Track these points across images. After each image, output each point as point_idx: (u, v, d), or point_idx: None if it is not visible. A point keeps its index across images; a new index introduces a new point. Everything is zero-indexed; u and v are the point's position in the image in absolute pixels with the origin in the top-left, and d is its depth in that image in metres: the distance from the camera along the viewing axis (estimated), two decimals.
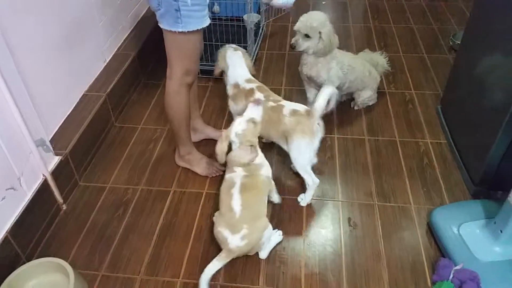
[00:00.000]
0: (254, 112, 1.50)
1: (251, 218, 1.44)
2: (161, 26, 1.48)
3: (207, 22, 1.48)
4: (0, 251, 1.38)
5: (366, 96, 2.16)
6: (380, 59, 2.23)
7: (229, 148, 1.50)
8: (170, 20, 1.43)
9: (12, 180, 1.45)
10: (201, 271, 1.48)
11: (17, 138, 1.47)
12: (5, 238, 1.41)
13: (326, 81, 2.00)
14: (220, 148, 1.48)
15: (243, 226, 1.40)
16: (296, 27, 1.91)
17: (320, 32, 1.87)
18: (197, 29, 1.46)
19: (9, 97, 1.39)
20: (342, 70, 2.00)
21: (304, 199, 1.74)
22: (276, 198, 1.72)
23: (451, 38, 2.65)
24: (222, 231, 1.42)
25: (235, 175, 1.49)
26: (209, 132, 2.03)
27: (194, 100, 1.93)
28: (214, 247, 1.56)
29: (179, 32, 1.44)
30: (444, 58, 2.58)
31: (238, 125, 1.47)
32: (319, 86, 2.07)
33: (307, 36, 1.88)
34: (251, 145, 1.47)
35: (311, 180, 1.69)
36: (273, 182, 1.64)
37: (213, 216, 1.52)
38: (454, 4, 3.18)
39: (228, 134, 1.47)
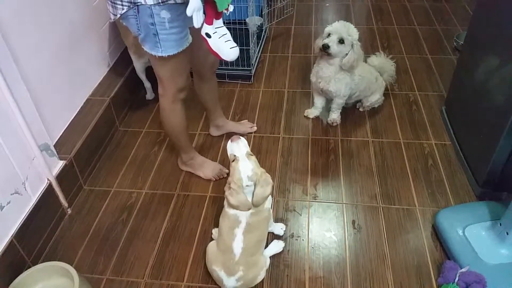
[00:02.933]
0: (241, 146, 1.38)
1: (249, 259, 1.36)
2: (145, 49, 1.42)
3: (187, 42, 1.40)
4: (5, 255, 1.39)
5: (373, 100, 2.16)
6: (389, 67, 2.22)
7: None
8: (150, 44, 1.37)
9: (16, 184, 1.46)
10: (205, 275, 1.49)
11: (21, 142, 1.47)
12: (11, 242, 1.41)
13: (336, 95, 2.00)
14: (239, 199, 1.30)
15: (240, 268, 1.34)
16: (331, 30, 1.85)
17: (353, 44, 1.84)
18: (180, 51, 1.39)
19: (12, 102, 1.40)
20: (353, 81, 2.00)
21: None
22: (277, 230, 1.61)
23: (454, 38, 2.64)
24: (218, 270, 1.36)
25: (241, 214, 1.34)
26: (231, 127, 2.08)
27: (215, 98, 1.94)
28: None
29: (160, 56, 1.39)
30: (448, 59, 2.57)
31: (245, 167, 1.31)
32: (327, 95, 2.07)
33: (341, 41, 1.84)
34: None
35: None
36: (271, 211, 1.50)
37: (212, 231, 1.48)
38: (457, 4, 3.16)
39: (239, 183, 1.30)
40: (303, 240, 1.61)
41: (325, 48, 1.83)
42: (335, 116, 2.11)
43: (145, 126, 2.17)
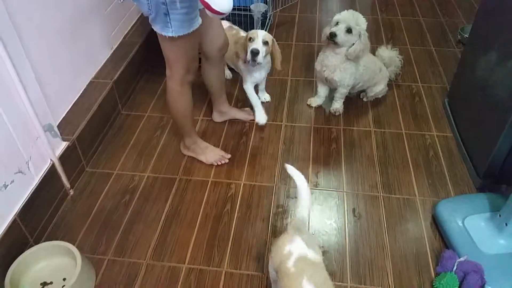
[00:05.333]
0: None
1: None
2: (154, 29, 1.42)
3: (197, 23, 1.40)
4: (9, 234, 1.39)
5: (377, 90, 2.16)
6: (396, 61, 2.22)
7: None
8: (161, 25, 1.37)
9: (20, 164, 1.46)
10: (206, 258, 1.50)
11: (25, 122, 1.47)
12: (14, 221, 1.42)
13: (340, 84, 2.00)
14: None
15: None
16: (339, 18, 1.84)
17: (360, 34, 1.84)
18: (194, 30, 1.40)
19: (18, 82, 1.40)
20: (358, 71, 1.99)
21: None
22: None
23: (459, 31, 2.64)
24: None
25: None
26: (234, 113, 2.09)
27: (221, 83, 1.95)
28: (220, 234, 1.58)
29: (170, 36, 1.39)
30: (452, 51, 2.57)
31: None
32: (331, 84, 2.07)
33: (348, 31, 1.83)
34: None
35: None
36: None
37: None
38: None
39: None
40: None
41: (332, 36, 1.82)
42: (338, 105, 2.12)
43: (148, 110, 2.17)
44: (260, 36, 1.80)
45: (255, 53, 1.78)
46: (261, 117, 2.02)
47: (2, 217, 1.39)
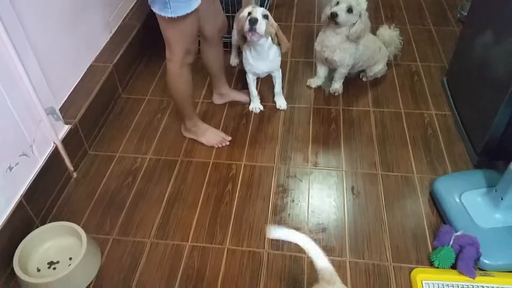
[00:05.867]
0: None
1: None
2: (153, 10, 1.42)
3: (196, 3, 1.40)
4: (15, 215, 1.43)
5: (377, 70, 2.16)
6: (396, 41, 2.22)
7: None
8: (160, 5, 1.37)
9: (24, 147, 1.49)
10: (209, 235, 1.54)
11: (28, 106, 1.49)
12: (20, 202, 1.45)
13: (340, 64, 2.00)
14: None
15: None
16: (340, 2, 1.83)
17: (361, 14, 1.84)
18: (193, 10, 1.40)
19: (20, 66, 1.41)
20: (358, 51, 1.99)
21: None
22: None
23: (458, 10, 2.63)
24: None
25: None
26: (234, 95, 2.10)
27: (220, 65, 1.95)
28: (222, 213, 1.61)
29: (169, 17, 1.39)
30: (451, 30, 2.56)
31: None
32: (331, 64, 2.08)
33: (349, 10, 1.82)
34: None
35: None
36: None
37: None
38: None
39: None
40: (303, 204, 1.65)
41: (333, 16, 1.82)
42: (337, 85, 2.13)
43: (148, 93, 2.18)
44: (258, 8, 1.70)
45: (253, 21, 1.63)
46: (255, 107, 2.05)
47: (8, 199, 1.42)
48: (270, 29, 1.74)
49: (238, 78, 2.26)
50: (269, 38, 1.78)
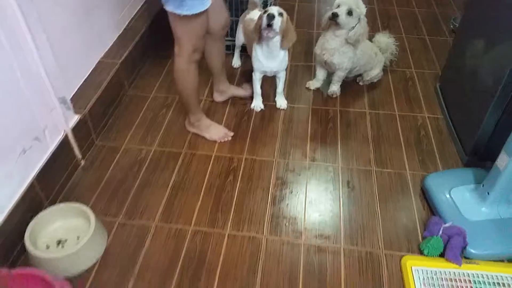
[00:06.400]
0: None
1: None
2: (166, 8, 1.51)
3: (209, 2, 1.51)
4: (27, 194, 1.50)
5: (373, 75, 2.27)
6: (392, 47, 2.32)
7: None
8: (175, 3, 1.46)
9: (37, 131, 1.56)
10: (211, 221, 1.61)
11: (43, 93, 1.58)
12: (32, 184, 1.53)
13: (339, 67, 2.10)
14: None
15: None
16: (341, 1, 1.92)
17: (360, 18, 1.94)
18: (202, 10, 1.51)
19: (37, 55, 1.50)
20: (355, 55, 2.10)
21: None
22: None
23: (451, 21, 2.76)
24: None
25: None
26: (234, 90, 2.19)
27: (222, 61, 2.04)
28: (223, 201, 1.69)
29: (184, 15, 1.49)
30: (445, 40, 2.68)
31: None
32: (330, 68, 2.18)
33: (349, 13, 1.92)
34: None
35: None
36: None
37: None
38: None
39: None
40: (301, 196, 1.73)
41: (334, 16, 1.91)
42: (335, 88, 2.23)
43: (153, 91, 2.27)
44: (274, 7, 1.81)
45: (271, 16, 1.74)
46: (256, 105, 2.14)
47: (21, 179, 1.49)
48: (284, 26, 1.83)
49: (240, 80, 2.36)
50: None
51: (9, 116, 1.42)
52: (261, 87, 2.12)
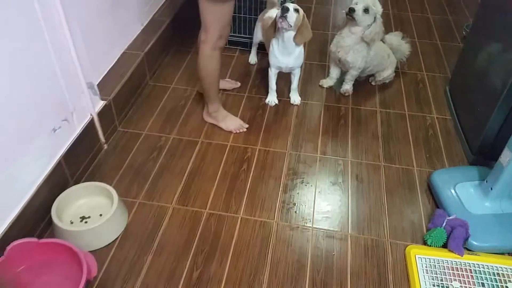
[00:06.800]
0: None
1: None
2: None
3: None
4: (55, 172, 1.60)
5: (385, 75, 2.34)
6: (404, 47, 2.39)
7: None
8: None
9: (66, 113, 1.67)
10: (225, 205, 1.70)
11: (73, 77, 1.68)
12: (59, 162, 1.63)
13: (352, 66, 2.18)
14: None
15: None
16: (358, 1, 2.00)
17: (376, 17, 2.02)
18: None
19: (70, 40, 1.60)
20: (369, 55, 2.18)
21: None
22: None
23: (464, 28, 2.82)
24: None
25: None
26: (224, 84, 2.29)
27: None
28: (237, 187, 1.78)
29: (213, 0, 1.61)
30: (456, 46, 2.75)
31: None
32: (344, 66, 2.26)
33: (366, 11, 2.00)
34: None
35: None
36: None
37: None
38: None
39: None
40: (311, 186, 1.82)
41: (351, 11, 2.00)
42: (348, 86, 2.31)
43: (173, 82, 2.37)
44: (291, 4, 1.88)
45: (285, 9, 1.81)
46: (271, 100, 2.23)
47: (51, 156, 1.60)
48: (299, 23, 1.91)
49: (256, 76, 2.45)
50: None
51: (44, 96, 1.53)
52: (276, 84, 2.20)
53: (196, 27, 1.88)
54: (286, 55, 2.04)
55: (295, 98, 2.25)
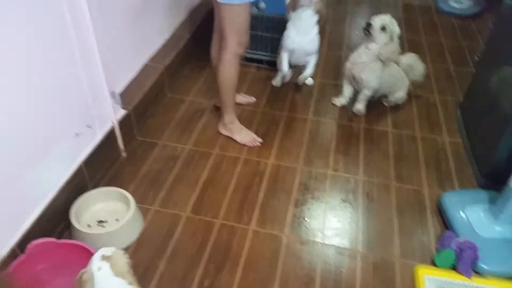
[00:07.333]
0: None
1: None
2: (219, 1, 1.74)
3: None
4: (75, 176, 1.66)
5: (398, 97, 2.39)
6: (418, 68, 2.42)
7: None
8: None
9: (90, 119, 1.73)
10: (237, 217, 1.74)
11: (97, 85, 1.75)
12: (80, 166, 1.69)
13: (366, 84, 2.23)
14: None
15: None
16: (376, 18, 2.07)
17: (393, 36, 2.08)
18: (248, 2, 1.74)
19: (96, 48, 1.67)
20: (383, 76, 2.23)
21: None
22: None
23: (477, 54, 2.87)
24: None
25: None
26: (239, 98, 2.33)
27: None
28: (249, 199, 1.82)
29: (233, 4, 1.71)
30: (469, 71, 2.79)
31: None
32: (357, 84, 2.31)
33: (383, 29, 2.06)
34: None
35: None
36: None
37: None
38: (484, 24, 3.39)
39: None
40: (322, 201, 1.85)
41: (368, 26, 2.07)
42: (360, 106, 2.35)
43: (190, 95, 2.44)
44: None
45: None
46: (275, 82, 2.29)
47: (72, 160, 1.66)
48: (319, 6, 1.98)
49: (271, 93, 2.50)
50: (315, 18, 2.02)
51: (69, 101, 1.60)
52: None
53: None
54: (301, 35, 2.08)
55: (307, 75, 2.32)
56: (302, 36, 2.10)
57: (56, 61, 1.49)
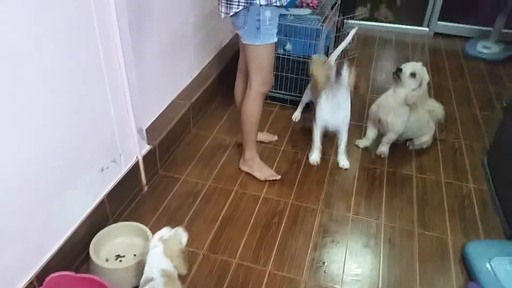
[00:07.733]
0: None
1: None
2: (244, 41, 1.83)
3: (276, 38, 1.83)
4: (97, 209, 1.70)
5: (423, 141, 2.36)
6: (440, 112, 2.41)
7: None
8: (251, 36, 1.78)
9: (115, 154, 1.79)
10: (254, 257, 1.73)
11: (125, 121, 1.81)
12: (103, 200, 1.73)
13: (391, 128, 2.22)
14: None
15: None
16: (406, 64, 2.12)
17: (422, 82, 2.10)
18: (271, 43, 1.81)
19: (127, 86, 1.74)
20: (409, 120, 2.22)
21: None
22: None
23: (505, 100, 2.82)
24: None
25: None
26: (261, 136, 2.37)
27: None
28: (267, 240, 1.80)
29: (257, 45, 1.79)
30: (496, 116, 2.74)
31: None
32: (382, 127, 2.30)
33: (412, 75, 2.09)
34: None
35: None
36: None
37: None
38: None
39: None
40: (342, 246, 1.81)
41: (398, 71, 2.09)
42: (384, 149, 2.34)
43: (214, 131, 2.49)
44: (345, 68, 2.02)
45: (339, 72, 1.99)
46: (313, 159, 2.27)
47: (96, 194, 1.70)
48: (351, 81, 2.03)
49: (293, 132, 2.53)
50: (348, 92, 2.06)
51: (99, 137, 1.66)
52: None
53: None
54: (336, 110, 2.11)
55: (343, 162, 2.27)
56: (334, 110, 2.14)
57: (90, 98, 1.56)
